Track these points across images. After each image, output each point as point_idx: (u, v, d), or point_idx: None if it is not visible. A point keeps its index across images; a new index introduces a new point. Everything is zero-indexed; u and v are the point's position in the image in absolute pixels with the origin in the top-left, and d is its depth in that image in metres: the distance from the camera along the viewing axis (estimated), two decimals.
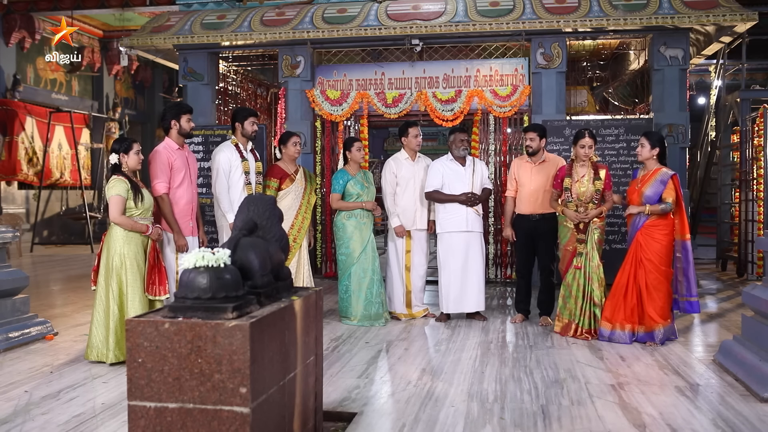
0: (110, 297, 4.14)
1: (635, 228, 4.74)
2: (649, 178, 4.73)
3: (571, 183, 4.95)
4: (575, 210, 4.91)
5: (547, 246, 5.39)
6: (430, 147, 17.24)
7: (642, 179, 4.78)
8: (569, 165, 5.04)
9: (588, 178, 4.93)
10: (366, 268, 5.35)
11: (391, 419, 3.22)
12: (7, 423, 3.16)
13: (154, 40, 8.19)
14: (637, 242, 4.71)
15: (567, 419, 3.20)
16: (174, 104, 4.82)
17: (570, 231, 4.96)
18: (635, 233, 4.72)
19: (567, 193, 4.95)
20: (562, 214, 5.00)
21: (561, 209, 4.99)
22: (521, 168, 5.51)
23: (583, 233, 4.91)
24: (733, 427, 3.09)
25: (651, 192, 4.67)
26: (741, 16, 6.91)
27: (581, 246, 4.89)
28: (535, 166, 5.44)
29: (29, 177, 12.15)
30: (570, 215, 4.92)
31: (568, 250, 4.98)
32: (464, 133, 5.56)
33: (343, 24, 7.68)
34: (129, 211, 4.17)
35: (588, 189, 4.90)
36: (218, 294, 2.21)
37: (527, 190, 5.41)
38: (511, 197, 5.56)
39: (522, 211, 5.45)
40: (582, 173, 4.97)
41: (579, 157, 4.98)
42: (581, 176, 4.95)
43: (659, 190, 4.66)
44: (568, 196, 4.95)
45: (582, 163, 4.99)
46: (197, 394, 2.14)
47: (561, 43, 7.44)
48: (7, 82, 11.91)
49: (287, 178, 5.36)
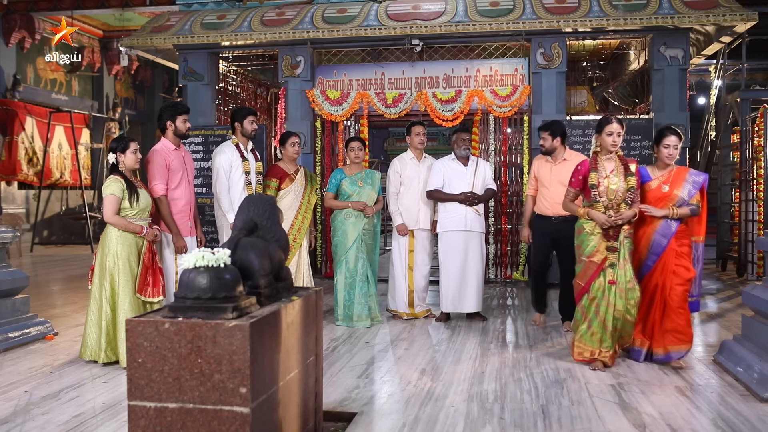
0: (103, 297, 4.13)
1: (664, 235, 4.12)
2: (677, 178, 4.19)
3: (598, 179, 4.13)
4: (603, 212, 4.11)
5: (571, 248, 4.80)
6: (430, 147, 17.17)
7: (667, 180, 4.20)
8: (593, 159, 4.22)
9: (618, 173, 4.12)
10: (351, 268, 5.36)
11: (391, 419, 3.22)
12: (7, 423, 3.16)
13: (154, 40, 8.19)
14: (671, 250, 4.11)
15: (567, 419, 3.19)
16: (170, 104, 4.81)
17: (596, 238, 4.11)
18: (668, 240, 4.11)
19: (594, 191, 4.11)
20: (586, 218, 4.16)
21: (585, 211, 4.16)
22: (541, 167, 5.26)
23: (614, 240, 4.07)
24: (733, 427, 3.09)
25: (685, 193, 4.14)
26: (741, 16, 6.91)
27: (613, 256, 4.07)
28: (555, 165, 5.16)
29: (29, 177, 12.14)
30: (598, 218, 4.07)
31: (592, 261, 4.12)
32: (467, 132, 5.55)
33: (343, 24, 7.68)
34: (124, 211, 4.15)
35: (619, 186, 4.07)
36: (218, 294, 2.21)
37: (548, 190, 5.15)
38: (531, 196, 5.35)
39: (543, 212, 5.19)
40: (610, 168, 4.15)
41: (605, 148, 4.18)
42: (609, 171, 4.14)
43: (693, 192, 4.16)
44: (596, 195, 4.11)
45: (608, 156, 4.19)
46: (197, 394, 2.14)
47: (561, 43, 7.44)
48: (7, 82, 11.90)
49: (287, 178, 5.36)
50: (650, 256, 4.17)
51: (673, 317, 4.07)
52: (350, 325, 5.29)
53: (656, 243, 4.15)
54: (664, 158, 4.22)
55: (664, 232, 4.13)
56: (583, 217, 4.18)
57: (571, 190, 4.32)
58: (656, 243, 4.15)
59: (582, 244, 4.19)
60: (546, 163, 5.23)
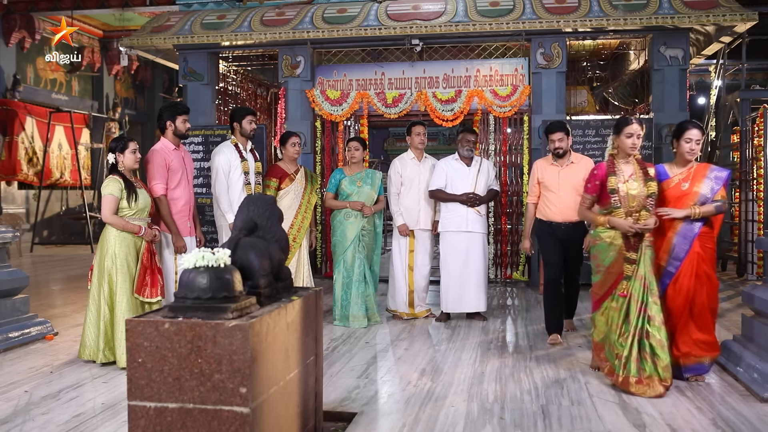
0: (101, 297, 4.12)
1: (687, 237, 3.78)
2: (697, 175, 3.86)
3: (618, 184, 3.81)
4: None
5: (578, 251, 4.87)
6: (430, 147, 17.17)
7: (687, 177, 3.87)
8: (609, 162, 3.90)
9: (637, 177, 3.81)
10: (348, 267, 5.36)
11: (391, 419, 3.22)
12: (7, 423, 3.16)
13: (154, 40, 8.19)
14: (694, 254, 3.77)
15: (567, 419, 3.19)
16: (170, 104, 4.82)
17: (617, 248, 3.77)
18: (691, 243, 3.78)
19: (614, 197, 3.78)
20: (606, 226, 3.81)
21: (606, 220, 3.81)
22: (546, 171, 4.90)
23: (634, 250, 3.73)
24: (733, 427, 3.09)
25: (707, 190, 3.81)
26: (741, 16, 6.91)
27: (630, 268, 3.72)
28: (563, 168, 4.85)
29: (29, 177, 12.14)
30: (622, 225, 3.72)
31: (611, 272, 3.79)
32: (472, 133, 5.51)
33: (343, 24, 7.68)
34: (122, 211, 4.15)
35: (640, 192, 3.76)
36: (218, 294, 2.21)
37: (556, 195, 4.81)
38: (533, 204, 4.99)
39: (551, 218, 4.83)
40: (628, 172, 3.84)
41: (623, 151, 3.86)
42: (628, 176, 3.83)
43: (716, 188, 3.82)
44: (615, 201, 3.78)
45: (626, 160, 3.87)
46: (197, 394, 2.14)
47: (561, 43, 7.44)
48: (7, 82, 11.90)
49: (287, 178, 5.36)
50: (672, 261, 3.83)
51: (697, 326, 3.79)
52: (346, 325, 5.29)
53: (678, 247, 3.80)
54: (685, 154, 3.87)
55: (686, 234, 3.79)
56: (603, 226, 3.82)
57: (588, 196, 3.98)
58: (678, 247, 3.80)
59: (600, 254, 3.85)
60: (551, 166, 4.91)
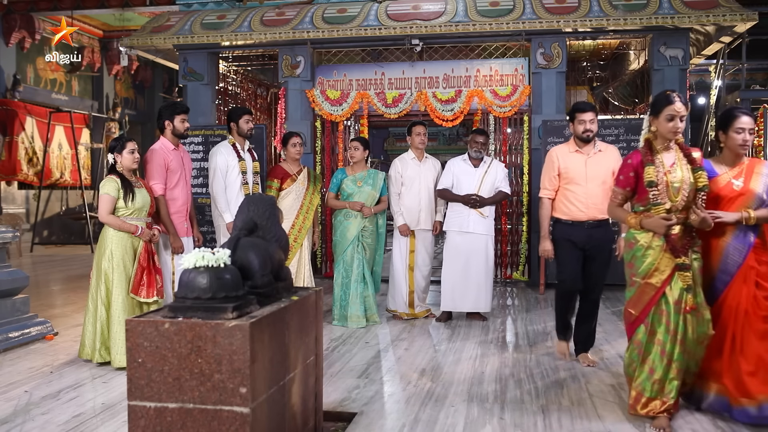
0: (99, 297, 4.13)
1: (739, 248, 3.13)
2: (750, 171, 3.19)
3: (657, 175, 3.11)
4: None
5: (604, 258, 4.06)
6: (430, 147, 17.17)
7: (739, 174, 3.20)
8: (644, 149, 3.20)
9: (679, 166, 3.12)
10: (347, 267, 5.37)
11: (391, 419, 3.22)
12: (7, 423, 3.16)
13: (154, 40, 8.19)
14: (748, 269, 3.11)
15: (567, 419, 3.20)
16: (169, 104, 4.81)
17: (655, 254, 3.09)
18: (744, 256, 3.12)
19: (653, 191, 3.10)
20: (638, 229, 3.15)
21: (637, 222, 3.15)
22: (569, 160, 4.12)
23: (684, 255, 3.06)
24: (733, 427, 3.08)
25: (762, 189, 3.15)
26: (741, 16, 6.91)
27: (686, 276, 3.04)
28: (590, 157, 4.11)
29: (29, 177, 12.14)
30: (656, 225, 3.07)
31: (649, 284, 3.09)
32: (481, 134, 5.47)
33: (343, 24, 7.68)
34: (119, 210, 4.14)
35: (684, 184, 3.09)
36: (218, 294, 2.21)
37: (583, 188, 4.05)
38: (549, 199, 4.20)
39: (574, 216, 4.07)
40: (669, 160, 3.15)
41: (662, 136, 3.17)
42: (670, 165, 3.13)
43: None
44: (655, 197, 3.09)
45: (665, 145, 3.18)
46: (197, 394, 2.14)
47: (561, 43, 7.44)
48: (7, 82, 11.90)
49: (288, 178, 5.36)
50: (720, 276, 3.18)
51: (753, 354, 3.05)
52: (345, 325, 5.28)
53: (729, 259, 3.15)
54: (737, 147, 3.17)
55: (739, 245, 3.14)
56: (636, 228, 3.17)
57: (620, 190, 3.28)
58: (729, 259, 3.15)
59: (635, 261, 3.16)
60: (575, 154, 4.13)
